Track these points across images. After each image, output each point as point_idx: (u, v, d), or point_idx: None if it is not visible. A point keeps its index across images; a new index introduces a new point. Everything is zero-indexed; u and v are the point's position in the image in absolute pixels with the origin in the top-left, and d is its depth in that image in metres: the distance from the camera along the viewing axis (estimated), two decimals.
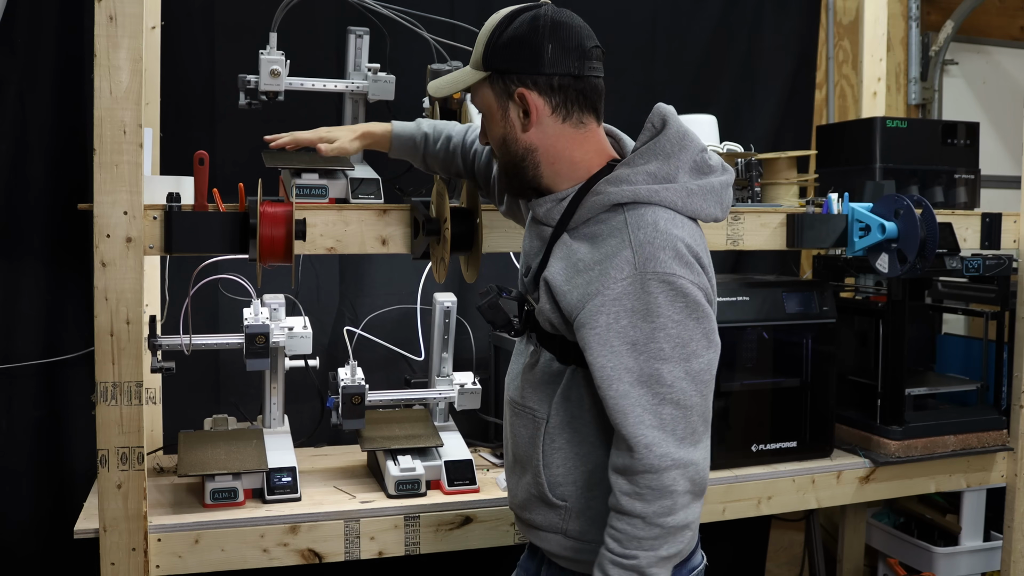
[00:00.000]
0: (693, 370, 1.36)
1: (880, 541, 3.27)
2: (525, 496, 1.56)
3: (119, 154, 1.83)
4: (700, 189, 1.45)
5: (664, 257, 1.35)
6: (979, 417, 2.69)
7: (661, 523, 1.34)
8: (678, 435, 1.35)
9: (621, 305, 1.35)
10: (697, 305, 1.37)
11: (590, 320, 1.37)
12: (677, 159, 1.44)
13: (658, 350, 1.34)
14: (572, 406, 1.48)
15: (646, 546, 1.35)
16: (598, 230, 1.43)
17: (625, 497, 1.35)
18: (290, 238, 1.88)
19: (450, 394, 2.41)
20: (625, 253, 1.36)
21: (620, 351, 1.35)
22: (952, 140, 2.94)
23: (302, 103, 2.35)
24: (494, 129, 1.50)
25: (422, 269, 2.59)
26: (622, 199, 1.41)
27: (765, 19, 3.25)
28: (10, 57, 2.44)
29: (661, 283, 1.34)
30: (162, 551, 1.99)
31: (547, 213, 1.49)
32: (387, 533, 2.12)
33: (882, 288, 2.74)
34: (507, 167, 1.52)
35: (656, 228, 1.37)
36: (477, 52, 1.50)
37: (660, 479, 1.33)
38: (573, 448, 1.48)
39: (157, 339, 2.14)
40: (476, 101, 1.53)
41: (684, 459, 1.35)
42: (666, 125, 1.45)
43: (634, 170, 1.43)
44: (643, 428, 1.34)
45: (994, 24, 3.92)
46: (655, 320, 1.34)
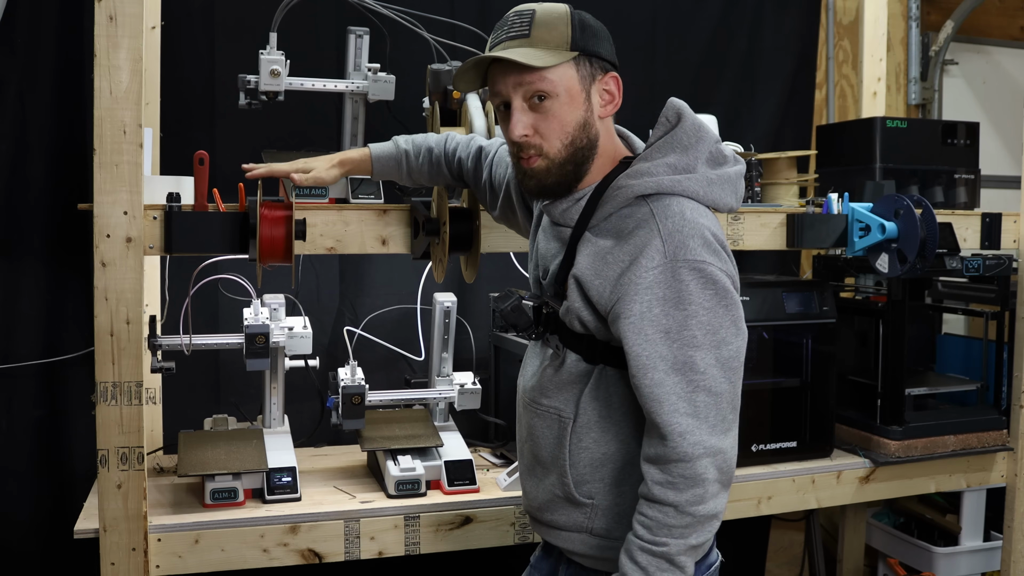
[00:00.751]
0: (723, 357, 1.37)
1: (880, 541, 3.27)
2: (547, 497, 1.55)
3: (119, 154, 1.83)
4: (718, 179, 1.47)
5: (693, 245, 1.37)
6: (979, 417, 2.69)
7: (692, 512, 1.35)
8: (710, 422, 1.36)
9: (653, 294, 1.36)
10: (726, 292, 1.38)
11: (624, 310, 1.37)
12: (695, 150, 1.46)
13: (691, 337, 1.35)
14: (600, 405, 1.48)
15: (676, 534, 1.35)
16: (623, 224, 1.43)
17: (657, 486, 1.36)
18: (290, 238, 1.88)
19: (450, 394, 2.41)
20: (655, 242, 1.37)
21: (654, 339, 1.36)
22: (952, 140, 2.94)
23: (302, 103, 2.35)
24: (571, 113, 1.45)
25: (422, 269, 2.59)
26: (645, 191, 1.42)
27: (765, 19, 3.26)
28: (10, 57, 2.44)
29: (692, 271, 1.36)
30: (162, 551, 1.99)
31: (564, 213, 1.50)
32: (387, 533, 2.12)
33: (882, 288, 2.74)
34: (575, 155, 1.47)
35: (683, 217, 1.39)
36: (556, 33, 1.43)
37: (693, 467, 1.34)
38: (600, 447, 1.48)
39: (157, 339, 2.14)
40: (544, 84, 1.43)
41: (715, 447, 1.35)
42: (681, 118, 1.47)
43: (654, 163, 1.44)
44: (677, 416, 1.35)
45: (994, 24, 3.92)
46: (687, 308, 1.35)
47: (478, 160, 1.83)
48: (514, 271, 2.67)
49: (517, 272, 2.66)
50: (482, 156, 1.83)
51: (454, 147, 1.86)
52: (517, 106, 1.45)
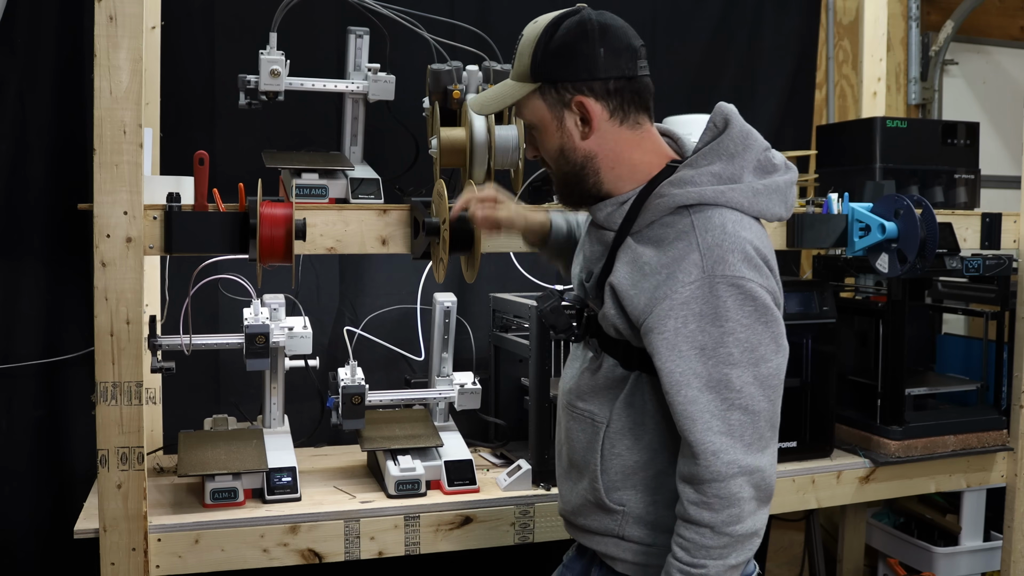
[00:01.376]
0: (762, 375, 1.34)
1: (880, 541, 3.27)
2: (580, 502, 1.53)
3: (119, 154, 1.83)
4: (765, 188, 1.43)
5: (733, 260, 1.33)
6: (979, 417, 2.69)
7: (729, 532, 1.32)
8: (745, 441, 1.33)
9: (689, 309, 1.33)
10: (766, 309, 1.35)
11: (658, 325, 1.35)
12: (742, 159, 1.43)
13: (727, 355, 1.32)
14: (635, 412, 1.46)
15: (715, 555, 1.33)
16: (663, 233, 1.40)
17: (692, 507, 1.34)
18: (290, 238, 1.88)
19: (450, 394, 2.41)
20: (693, 256, 1.34)
21: (688, 356, 1.33)
22: (952, 140, 2.94)
23: (302, 103, 2.35)
24: (549, 141, 1.47)
25: (422, 269, 2.59)
26: (687, 201, 1.39)
27: (765, 19, 3.25)
28: (10, 57, 2.44)
29: (730, 287, 1.33)
30: (162, 551, 1.98)
31: (608, 217, 1.47)
32: (387, 533, 2.12)
33: (882, 288, 2.74)
34: (566, 177, 1.48)
35: (724, 231, 1.36)
36: (522, 64, 1.46)
37: (727, 487, 1.31)
38: (633, 455, 1.46)
39: (157, 339, 2.14)
40: (523, 114, 1.48)
41: (751, 466, 1.32)
42: (729, 124, 1.44)
43: (698, 171, 1.41)
44: (711, 435, 1.32)
45: (994, 24, 3.92)
46: (724, 324, 1.32)
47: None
48: (514, 271, 2.67)
49: (517, 272, 2.66)
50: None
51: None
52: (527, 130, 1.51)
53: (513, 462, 2.35)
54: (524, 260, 2.67)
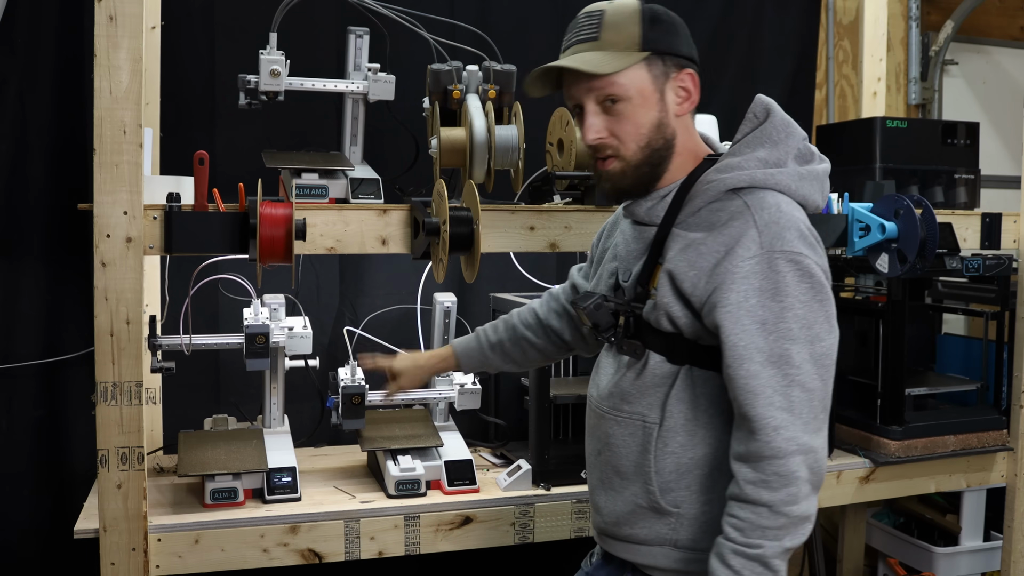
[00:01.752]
0: (817, 353, 1.34)
1: (880, 541, 3.27)
2: (628, 509, 1.49)
3: (119, 154, 1.83)
4: (809, 174, 1.46)
5: (790, 237, 1.35)
6: (979, 417, 2.68)
7: (787, 512, 1.30)
8: (804, 419, 1.32)
9: (750, 284, 1.34)
10: (822, 287, 1.36)
11: (721, 299, 1.35)
12: (785, 145, 1.45)
13: (787, 330, 1.32)
14: (686, 407, 1.43)
15: (770, 536, 1.30)
16: (715, 217, 1.40)
17: (750, 485, 1.31)
18: (290, 238, 1.88)
19: (450, 394, 2.41)
20: (751, 233, 1.35)
21: (750, 329, 1.33)
22: (952, 140, 2.94)
23: (302, 103, 2.35)
24: (644, 114, 1.44)
25: (422, 269, 2.59)
26: (738, 184, 1.41)
27: (765, 19, 3.26)
28: (10, 57, 2.44)
29: (788, 262, 1.34)
30: (162, 551, 1.98)
31: (650, 211, 1.48)
32: (387, 533, 2.12)
33: (882, 288, 2.74)
34: (651, 156, 1.46)
35: (779, 209, 1.37)
36: (622, 34, 1.42)
37: (786, 464, 1.30)
38: (687, 452, 1.44)
39: (157, 339, 2.14)
40: (614, 87, 1.42)
41: (808, 445, 1.31)
42: (770, 114, 1.46)
43: (744, 157, 1.43)
44: (772, 410, 1.31)
45: (994, 24, 3.92)
46: (783, 299, 1.33)
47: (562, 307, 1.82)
48: (514, 271, 2.66)
49: (517, 272, 2.66)
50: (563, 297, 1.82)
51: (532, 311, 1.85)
52: (590, 110, 1.45)
53: (513, 462, 2.35)
54: (524, 260, 2.67)
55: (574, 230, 2.15)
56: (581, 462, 2.32)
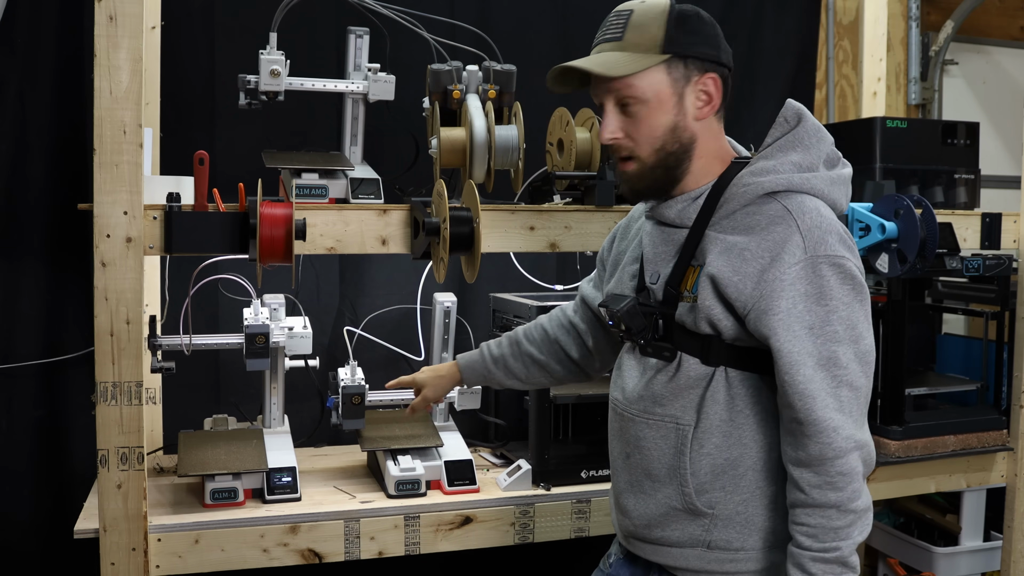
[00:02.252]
0: (861, 352, 1.37)
1: (880, 541, 3.26)
2: (660, 511, 1.48)
3: (119, 154, 1.83)
4: (838, 178, 1.48)
5: (832, 240, 1.37)
6: (979, 417, 2.68)
7: (853, 508, 1.34)
8: (854, 417, 1.35)
9: (796, 290, 1.35)
10: (861, 287, 1.39)
11: (771, 306, 1.36)
12: (817, 150, 1.46)
13: (833, 332, 1.35)
14: (720, 409, 1.44)
15: (843, 535, 1.33)
16: (753, 220, 1.41)
17: (815, 489, 1.33)
18: (290, 238, 1.88)
19: (450, 394, 2.41)
20: (795, 239, 1.36)
21: (800, 335, 1.35)
22: (952, 140, 2.94)
23: (302, 103, 2.35)
24: (659, 117, 1.44)
25: (422, 269, 2.59)
26: (775, 187, 1.41)
27: (765, 19, 3.25)
28: (10, 57, 2.44)
29: (832, 266, 1.36)
30: (162, 551, 1.98)
31: (681, 213, 1.47)
32: (387, 533, 2.12)
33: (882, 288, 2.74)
34: (666, 159, 1.46)
35: (820, 214, 1.39)
36: (645, 35, 1.42)
37: (848, 462, 1.33)
38: (723, 452, 1.44)
39: (157, 339, 2.14)
40: (632, 89, 1.43)
41: (862, 440, 1.35)
42: (802, 119, 1.47)
43: (778, 161, 1.44)
44: (830, 412, 1.33)
45: (994, 24, 3.92)
46: (828, 303, 1.35)
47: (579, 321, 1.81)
48: (514, 271, 2.67)
49: (517, 272, 2.66)
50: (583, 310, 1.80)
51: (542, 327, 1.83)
52: (608, 110, 1.46)
53: (513, 462, 2.35)
54: (524, 260, 2.67)
55: (574, 230, 2.15)
56: (581, 462, 2.34)
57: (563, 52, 2.81)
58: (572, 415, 2.59)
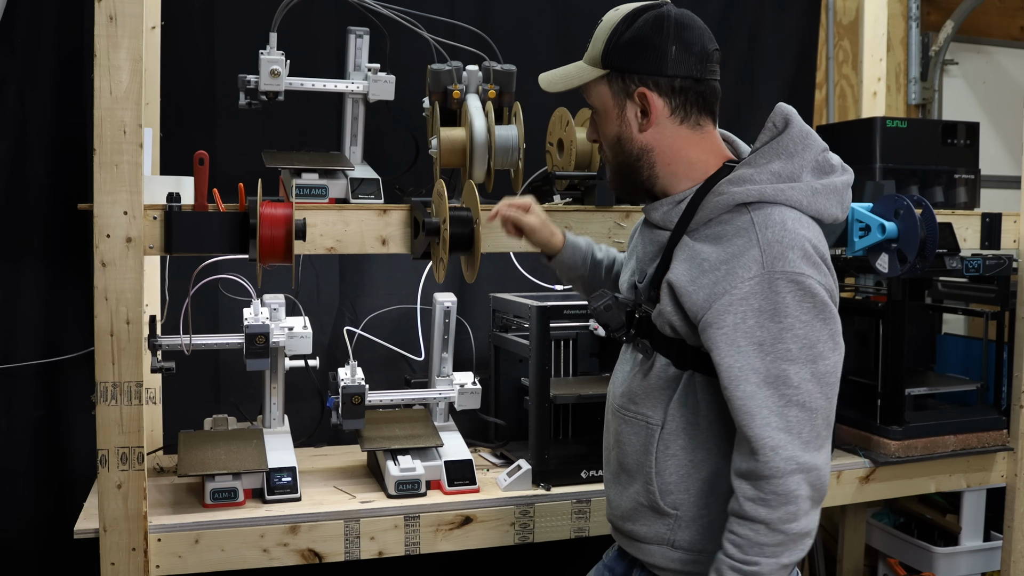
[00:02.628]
0: (819, 372, 1.33)
1: (880, 541, 3.27)
2: (631, 506, 1.51)
3: (119, 154, 1.83)
4: (824, 188, 1.44)
5: (792, 256, 1.34)
6: (979, 417, 2.68)
7: (785, 529, 1.31)
8: (803, 438, 1.32)
9: (748, 305, 1.33)
10: (824, 306, 1.35)
11: (717, 320, 1.34)
12: (801, 158, 1.43)
13: (785, 351, 1.32)
14: (688, 412, 1.45)
15: (768, 552, 1.32)
16: (722, 230, 1.40)
17: (749, 503, 1.33)
18: (290, 238, 1.88)
19: (450, 394, 2.41)
20: (753, 252, 1.34)
21: (747, 351, 1.33)
22: (952, 140, 2.94)
23: (302, 103, 2.35)
24: (608, 128, 1.49)
25: (422, 269, 2.59)
26: (747, 198, 1.39)
27: (765, 19, 3.25)
28: (10, 57, 2.44)
29: (789, 283, 1.33)
30: (162, 551, 1.99)
31: (664, 216, 1.48)
32: (387, 533, 2.12)
33: (882, 288, 2.74)
34: (620, 167, 1.50)
35: (784, 227, 1.36)
36: (595, 48, 1.48)
37: (785, 483, 1.31)
38: (688, 455, 1.45)
39: (157, 339, 2.14)
40: (589, 98, 1.51)
41: (808, 463, 1.31)
42: (788, 124, 1.45)
43: (758, 169, 1.42)
44: (769, 430, 1.31)
45: (994, 24, 3.92)
46: (783, 320, 1.32)
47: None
48: (514, 271, 2.66)
49: (517, 272, 2.66)
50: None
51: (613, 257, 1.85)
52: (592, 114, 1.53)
53: (513, 462, 2.35)
54: (524, 260, 2.67)
55: (574, 230, 2.15)
56: (581, 462, 2.34)
57: (563, 52, 2.82)
58: (572, 415, 2.59)
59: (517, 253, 2.53)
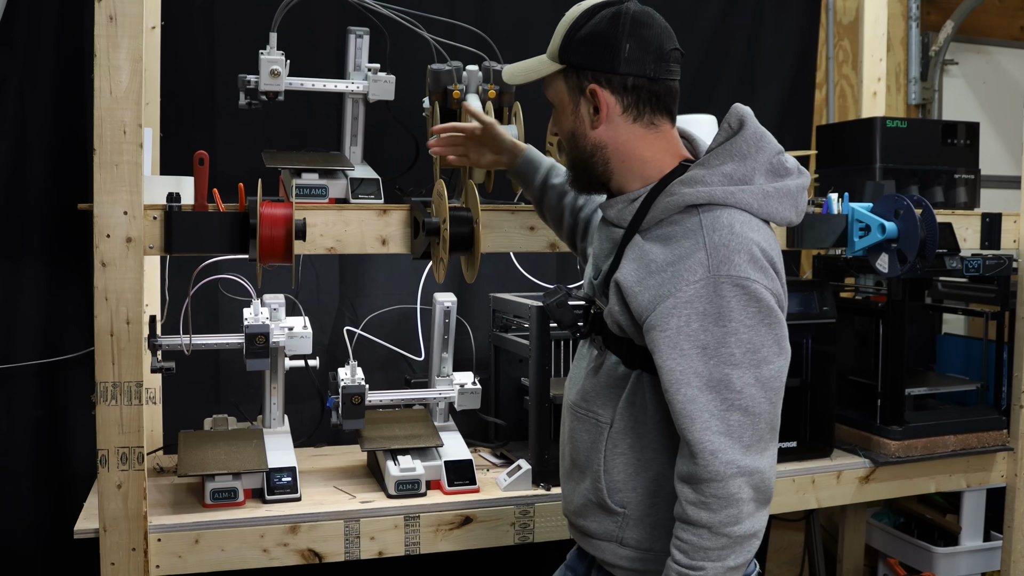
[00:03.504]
0: (763, 376, 1.33)
1: (880, 541, 3.27)
2: (582, 502, 1.53)
3: (119, 154, 1.83)
4: (776, 192, 1.43)
5: (739, 260, 1.33)
6: (979, 417, 2.69)
7: (727, 532, 1.32)
8: (744, 442, 1.32)
9: (693, 308, 1.33)
10: (770, 310, 1.34)
11: (660, 322, 1.34)
12: (754, 160, 1.43)
13: (728, 355, 1.32)
14: (636, 411, 1.45)
15: (713, 556, 1.32)
16: (671, 231, 1.40)
17: (691, 506, 1.33)
18: (290, 238, 1.88)
19: (450, 394, 2.41)
20: (699, 255, 1.34)
21: (690, 355, 1.33)
22: (952, 140, 2.94)
23: (302, 103, 2.35)
24: (564, 122, 1.51)
25: (422, 269, 2.59)
26: (697, 200, 1.39)
27: (765, 19, 3.25)
28: (10, 57, 2.44)
29: (735, 287, 1.32)
30: (162, 551, 1.98)
31: (619, 214, 1.48)
32: (387, 533, 2.12)
33: (882, 288, 2.74)
34: (575, 162, 1.52)
35: (732, 231, 1.35)
36: (554, 43, 1.48)
37: (725, 487, 1.31)
38: (635, 454, 1.46)
39: (157, 339, 2.14)
40: (548, 92, 1.52)
41: (749, 467, 1.32)
42: (743, 126, 1.44)
43: (710, 171, 1.41)
44: (709, 434, 1.31)
45: (994, 24, 3.92)
46: (727, 324, 1.32)
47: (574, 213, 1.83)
48: (514, 271, 2.67)
49: (517, 272, 2.66)
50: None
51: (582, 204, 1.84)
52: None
53: (513, 462, 2.35)
54: (524, 260, 2.67)
55: None
56: None
57: None
58: None
59: (517, 253, 2.53)
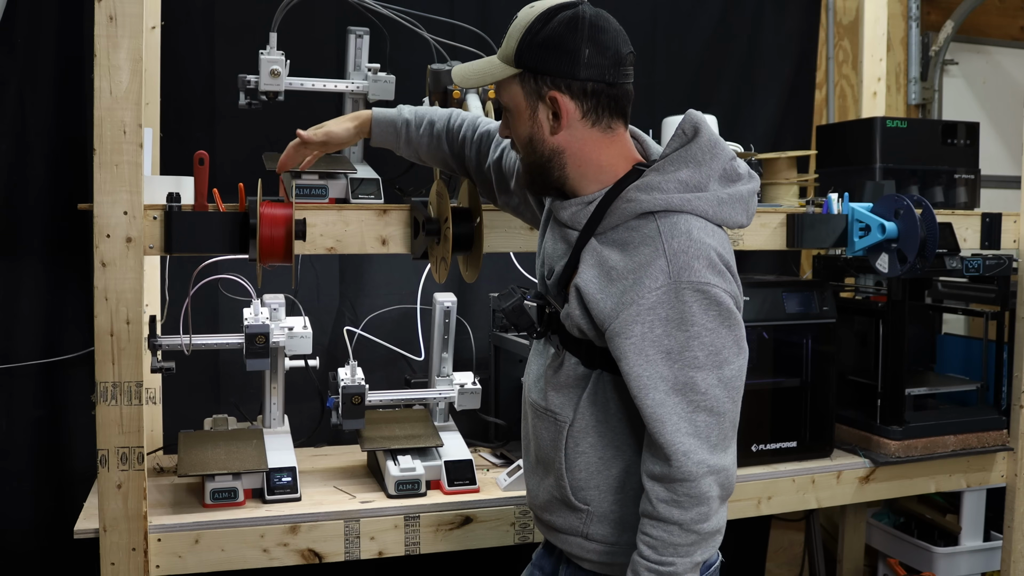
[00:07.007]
0: (725, 377, 1.37)
1: (880, 541, 3.27)
2: (547, 498, 1.55)
3: (119, 154, 1.83)
4: (730, 198, 1.45)
5: (698, 266, 1.35)
6: (979, 417, 2.69)
7: (697, 529, 1.36)
8: (711, 442, 1.36)
9: (656, 314, 1.35)
10: (729, 313, 1.37)
11: (625, 330, 1.36)
12: (708, 167, 1.44)
13: (692, 358, 1.35)
14: (598, 410, 1.47)
15: (682, 552, 1.36)
16: (629, 237, 1.41)
17: (662, 504, 1.36)
18: (290, 238, 1.88)
19: (450, 394, 2.41)
20: (659, 262, 1.36)
21: (655, 360, 1.35)
22: (952, 140, 2.94)
23: (302, 103, 2.35)
24: (520, 128, 1.48)
25: (422, 269, 2.59)
26: (654, 207, 1.40)
27: (765, 19, 3.26)
28: (10, 57, 2.44)
29: (695, 292, 1.35)
30: (162, 551, 1.99)
31: (573, 217, 1.48)
32: (387, 533, 2.12)
33: (882, 288, 2.74)
34: (532, 167, 1.50)
35: (690, 237, 1.37)
36: (509, 46, 1.45)
37: (698, 486, 1.35)
38: (597, 452, 1.48)
39: (157, 339, 2.14)
40: (500, 95, 1.49)
41: (717, 465, 1.36)
42: (698, 133, 1.44)
43: (665, 177, 1.42)
44: (680, 436, 1.34)
45: (994, 24, 3.92)
46: (689, 329, 1.35)
47: (480, 142, 1.77)
48: (514, 271, 2.67)
49: (517, 272, 2.66)
50: (489, 138, 1.77)
51: (459, 124, 1.80)
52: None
53: (513, 462, 2.35)
54: (524, 260, 2.67)
55: None
56: None
57: None
58: None
59: (517, 253, 2.53)
